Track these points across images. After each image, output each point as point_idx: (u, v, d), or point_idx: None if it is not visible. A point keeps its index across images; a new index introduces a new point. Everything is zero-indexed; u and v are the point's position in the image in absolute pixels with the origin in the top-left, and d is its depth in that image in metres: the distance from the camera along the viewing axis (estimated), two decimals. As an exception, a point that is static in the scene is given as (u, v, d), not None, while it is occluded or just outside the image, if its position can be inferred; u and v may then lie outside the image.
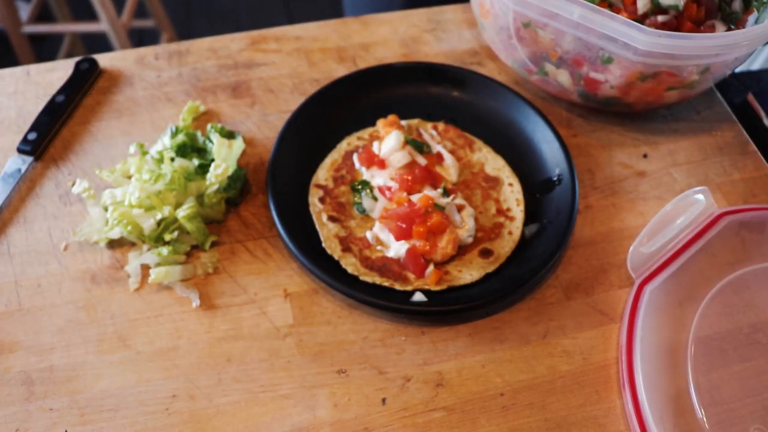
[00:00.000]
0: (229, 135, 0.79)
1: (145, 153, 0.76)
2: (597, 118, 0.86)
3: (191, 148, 0.77)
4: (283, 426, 0.61)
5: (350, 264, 0.69)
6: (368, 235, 0.72)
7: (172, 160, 0.74)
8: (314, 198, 0.75)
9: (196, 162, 0.75)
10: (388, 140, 0.75)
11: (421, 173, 0.74)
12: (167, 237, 0.70)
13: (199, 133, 0.78)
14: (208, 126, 0.79)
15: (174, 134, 0.78)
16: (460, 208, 0.73)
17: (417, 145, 0.76)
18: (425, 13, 0.97)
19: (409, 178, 0.73)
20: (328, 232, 0.72)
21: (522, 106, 0.82)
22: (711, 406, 0.61)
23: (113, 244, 0.72)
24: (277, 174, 0.74)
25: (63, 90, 0.83)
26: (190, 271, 0.70)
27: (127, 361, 0.64)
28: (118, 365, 0.64)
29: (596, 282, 0.72)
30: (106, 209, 0.72)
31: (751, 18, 0.80)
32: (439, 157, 0.78)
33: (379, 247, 0.71)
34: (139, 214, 0.70)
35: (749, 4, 0.79)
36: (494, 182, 0.78)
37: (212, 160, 0.75)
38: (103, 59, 0.88)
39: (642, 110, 0.85)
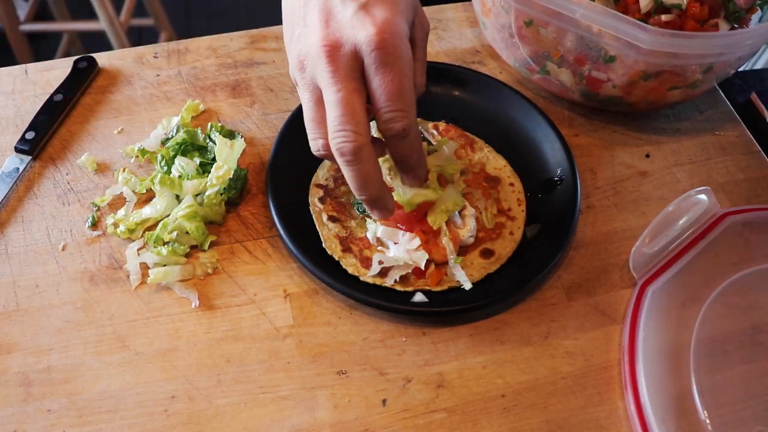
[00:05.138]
0: (229, 134, 0.78)
1: (145, 153, 0.76)
2: (599, 118, 0.86)
3: (192, 147, 0.76)
4: (282, 427, 0.61)
5: (350, 264, 0.69)
6: (368, 235, 0.72)
7: (171, 160, 0.74)
8: (314, 198, 0.74)
9: (197, 161, 0.75)
10: None
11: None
12: (166, 237, 0.70)
13: (199, 131, 0.78)
14: (209, 125, 0.79)
15: (175, 133, 0.77)
16: (460, 209, 0.73)
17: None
18: (426, 12, 0.96)
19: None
20: (328, 232, 0.72)
21: (523, 105, 0.81)
22: (714, 407, 0.61)
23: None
24: (277, 174, 0.74)
25: (61, 89, 0.82)
26: (189, 271, 0.69)
27: (125, 362, 0.64)
28: (116, 366, 0.64)
29: (598, 282, 0.72)
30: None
31: (755, 17, 0.79)
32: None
33: (379, 248, 0.71)
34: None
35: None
36: (495, 182, 0.77)
37: (213, 159, 0.75)
38: (102, 58, 0.88)
39: (644, 110, 0.85)
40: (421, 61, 0.62)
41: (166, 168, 0.74)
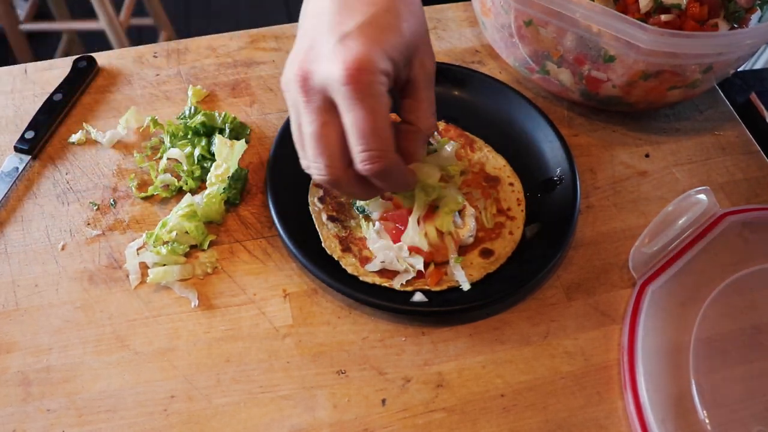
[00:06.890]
0: (241, 127, 0.78)
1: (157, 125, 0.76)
2: (599, 118, 0.86)
3: (204, 132, 0.76)
4: (282, 427, 0.61)
5: (350, 264, 0.69)
6: (367, 235, 0.71)
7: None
8: (314, 198, 0.74)
9: (197, 152, 0.75)
10: None
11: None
12: (166, 237, 0.70)
13: (217, 114, 0.78)
14: (222, 114, 0.79)
15: (192, 114, 0.76)
16: (460, 209, 0.73)
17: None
18: (425, 12, 0.96)
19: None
20: (327, 232, 0.72)
21: (523, 105, 0.81)
22: (713, 407, 0.61)
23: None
24: (277, 173, 0.74)
25: (61, 88, 0.82)
26: (189, 270, 0.69)
27: (125, 362, 0.64)
28: (116, 366, 0.64)
29: (598, 282, 0.72)
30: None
31: (755, 17, 0.79)
32: (440, 157, 0.77)
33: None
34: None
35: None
36: (495, 182, 0.77)
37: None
38: (101, 57, 0.88)
39: (644, 109, 0.85)
40: (424, 102, 0.59)
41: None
